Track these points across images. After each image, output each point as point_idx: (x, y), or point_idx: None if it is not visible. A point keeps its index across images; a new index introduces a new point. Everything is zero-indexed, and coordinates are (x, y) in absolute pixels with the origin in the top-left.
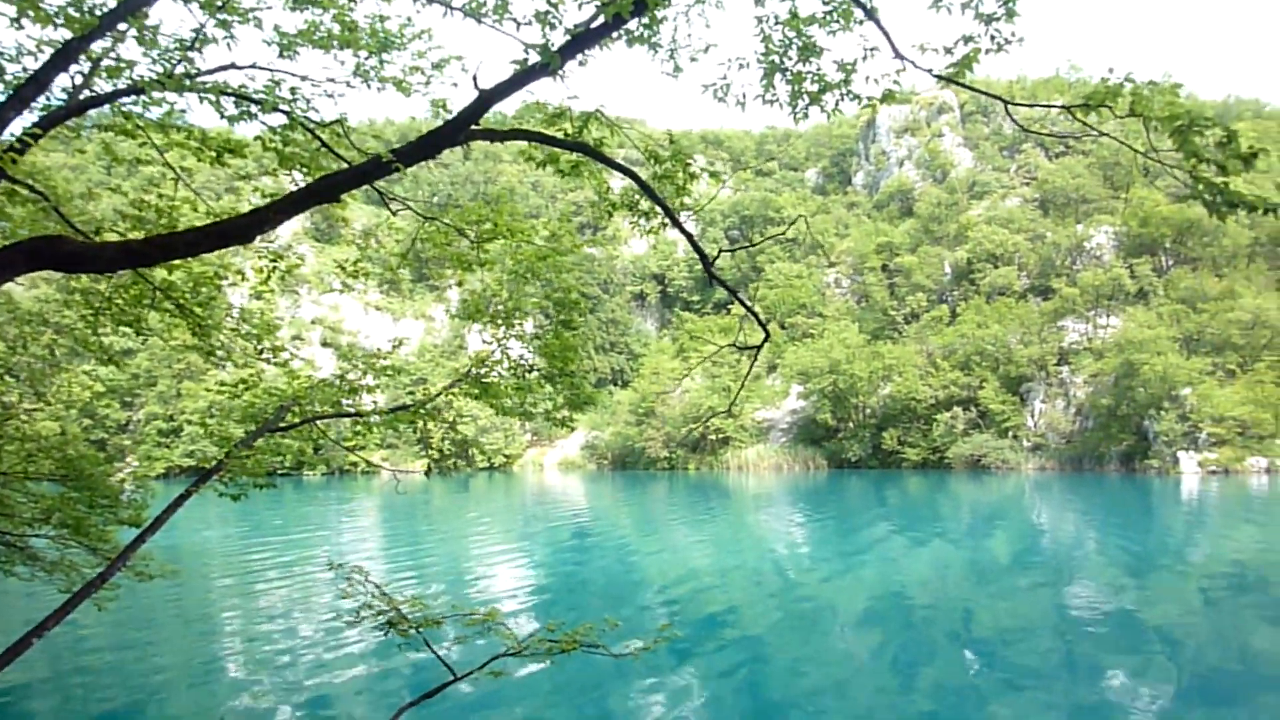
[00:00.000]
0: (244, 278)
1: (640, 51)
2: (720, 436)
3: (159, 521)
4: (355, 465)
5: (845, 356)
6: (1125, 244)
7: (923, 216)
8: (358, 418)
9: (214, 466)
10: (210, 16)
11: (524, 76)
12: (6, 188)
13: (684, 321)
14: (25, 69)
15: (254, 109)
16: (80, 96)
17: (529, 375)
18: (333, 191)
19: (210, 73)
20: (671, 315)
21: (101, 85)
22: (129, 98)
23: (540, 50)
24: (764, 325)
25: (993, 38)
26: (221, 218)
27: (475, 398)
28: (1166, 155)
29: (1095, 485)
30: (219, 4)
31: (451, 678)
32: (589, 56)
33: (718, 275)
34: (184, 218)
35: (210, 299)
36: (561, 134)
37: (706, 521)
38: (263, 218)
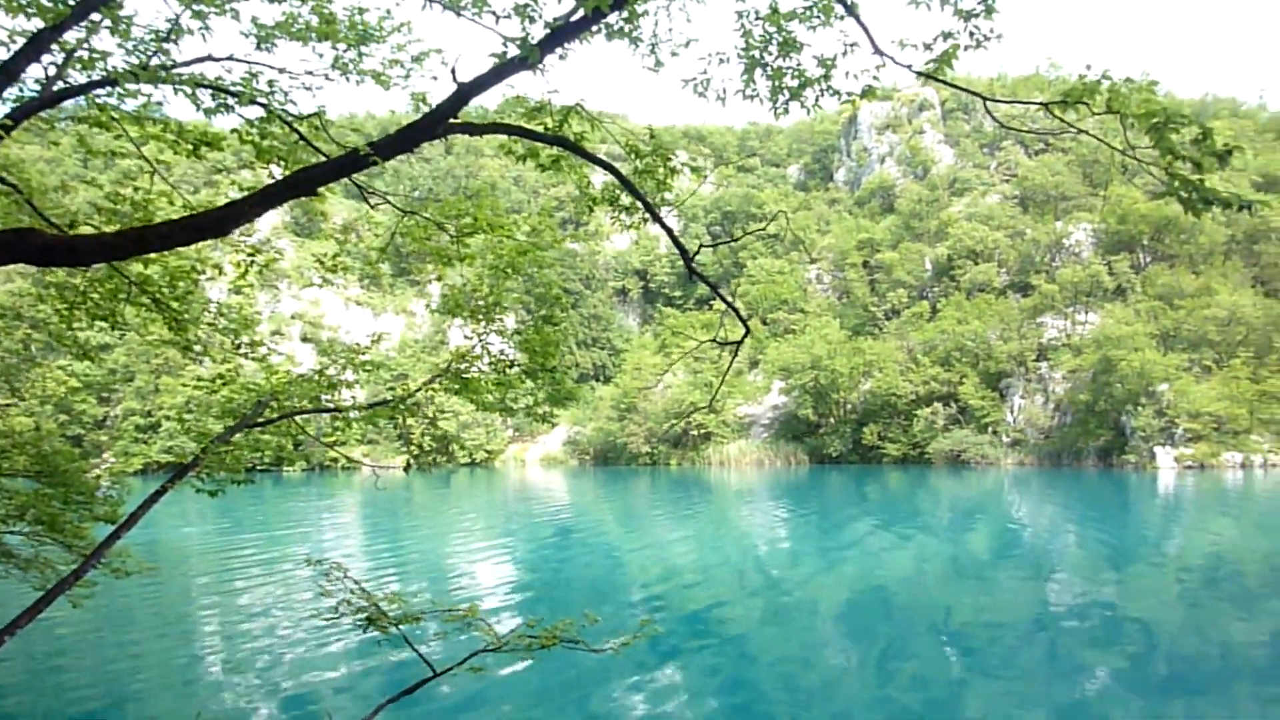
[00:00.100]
0: (221, 272)
1: (621, 46)
2: (702, 432)
3: (134, 517)
4: (335, 461)
5: (826, 352)
6: (1104, 241)
7: (904, 213)
8: (337, 413)
9: (190, 462)
10: (185, 7)
11: (503, 70)
12: None
13: (666, 317)
14: None
15: (231, 101)
16: (54, 88)
17: (510, 370)
18: (309, 185)
19: (186, 65)
20: (654, 311)
21: (76, 76)
22: (104, 89)
23: (520, 44)
24: (745, 321)
25: (972, 34)
26: (197, 211)
27: (456, 393)
28: (1143, 152)
29: (1073, 480)
30: None
31: (431, 674)
32: (569, 50)
33: (699, 271)
34: (160, 211)
35: (187, 293)
36: (542, 128)
37: (688, 517)
38: (238, 211)
